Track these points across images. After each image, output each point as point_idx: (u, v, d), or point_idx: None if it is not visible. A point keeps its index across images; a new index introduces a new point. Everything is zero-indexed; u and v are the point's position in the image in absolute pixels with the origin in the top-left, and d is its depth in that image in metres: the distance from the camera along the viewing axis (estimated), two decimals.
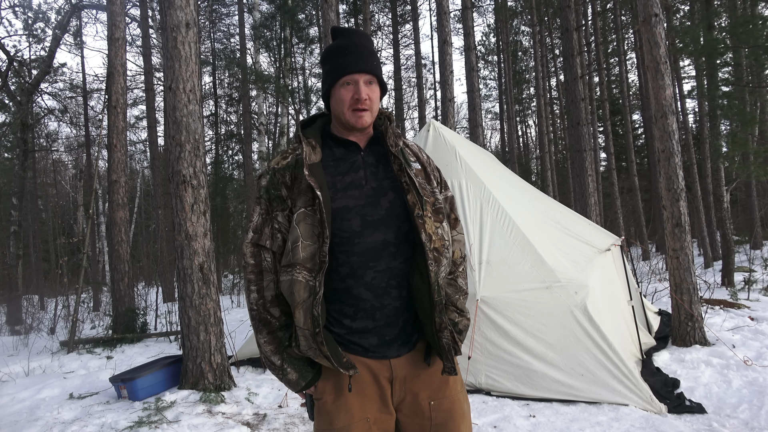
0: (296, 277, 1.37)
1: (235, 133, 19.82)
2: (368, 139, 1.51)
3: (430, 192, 1.48)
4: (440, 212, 1.47)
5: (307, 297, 1.36)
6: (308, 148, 1.44)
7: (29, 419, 4.19)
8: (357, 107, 1.42)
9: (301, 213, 1.38)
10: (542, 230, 4.80)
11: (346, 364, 1.37)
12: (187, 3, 4.74)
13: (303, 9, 16.86)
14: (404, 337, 1.44)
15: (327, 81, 1.48)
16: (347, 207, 1.40)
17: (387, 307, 1.40)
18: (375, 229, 1.39)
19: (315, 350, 1.37)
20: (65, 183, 26.38)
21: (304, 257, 1.36)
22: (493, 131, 31.59)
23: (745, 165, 10.32)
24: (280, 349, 1.44)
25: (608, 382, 3.81)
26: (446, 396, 1.47)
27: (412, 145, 1.59)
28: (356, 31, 1.51)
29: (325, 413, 1.43)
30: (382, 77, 1.49)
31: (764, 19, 9.38)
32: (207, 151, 18.31)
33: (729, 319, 6.12)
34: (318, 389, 1.46)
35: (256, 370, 5.20)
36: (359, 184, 1.43)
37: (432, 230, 1.42)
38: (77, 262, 14.68)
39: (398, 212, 1.41)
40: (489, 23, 25.17)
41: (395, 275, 1.40)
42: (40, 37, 13.26)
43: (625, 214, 18.22)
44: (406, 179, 1.43)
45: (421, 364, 1.46)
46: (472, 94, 11.04)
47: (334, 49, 1.48)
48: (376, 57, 1.50)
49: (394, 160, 1.46)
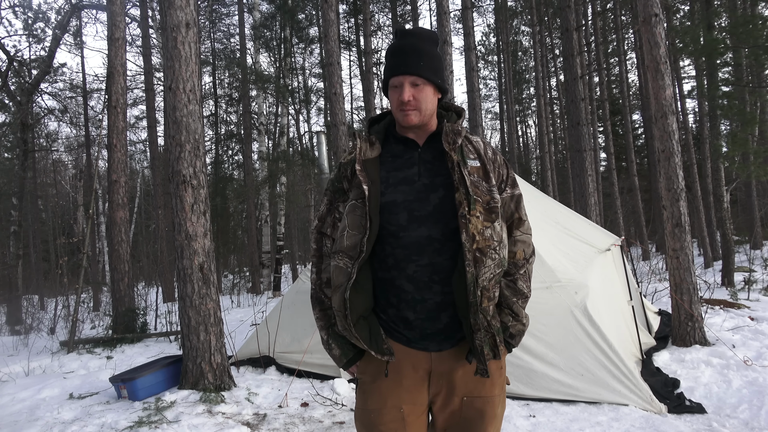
0: (338, 264, 1.47)
1: (235, 133, 19.81)
2: (428, 135, 1.54)
3: (486, 190, 1.47)
4: (494, 212, 1.46)
5: (343, 281, 1.45)
6: (365, 144, 1.53)
7: (29, 419, 4.19)
8: (402, 108, 1.47)
9: (351, 205, 1.47)
10: (542, 230, 4.79)
11: (385, 350, 1.44)
12: (187, 3, 4.74)
13: (303, 9, 16.86)
14: (447, 332, 1.47)
15: (383, 81, 1.55)
16: (395, 201, 1.46)
17: (428, 301, 1.44)
18: (421, 224, 1.44)
19: (348, 332, 1.47)
20: (65, 183, 26.37)
21: (348, 245, 1.45)
22: (493, 131, 31.58)
23: (745, 165, 10.33)
24: (328, 325, 1.56)
25: (608, 382, 3.81)
26: (481, 395, 1.49)
27: (476, 141, 1.57)
28: (411, 32, 1.53)
29: (362, 392, 1.54)
30: (430, 77, 1.47)
31: (764, 19, 9.38)
32: (207, 151, 18.31)
33: (729, 319, 6.11)
34: (360, 368, 1.55)
35: (256, 370, 5.20)
36: (411, 180, 1.48)
37: (477, 230, 1.41)
38: (77, 262, 14.68)
39: (447, 209, 1.44)
40: (489, 23, 25.19)
41: (438, 271, 1.43)
42: (40, 37, 13.26)
43: (625, 214, 18.22)
44: (457, 177, 1.44)
45: (462, 360, 1.48)
46: (472, 94, 11.04)
47: (389, 50, 1.54)
48: (429, 57, 1.49)
49: (449, 157, 1.46)
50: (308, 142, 17.76)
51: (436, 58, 1.51)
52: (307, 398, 4.30)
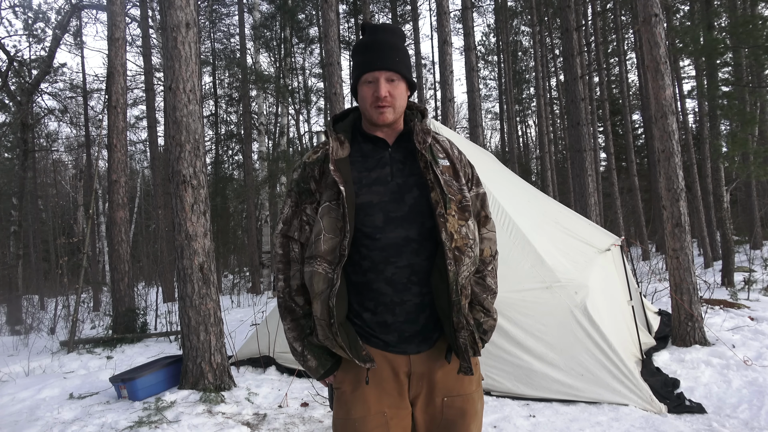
0: (316, 269, 1.40)
1: (235, 133, 19.83)
2: (397, 135, 1.52)
3: (457, 189, 1.47)
4: (466, 210, 1.46)
5: (324, 288, 1.39)
6: (336, 143, 1.47)
7: (29, 419, 4.19)
8: (378, 104, 1.44)
9: (326, 207, 1.41)
10: (542, 230, 4.80)
11: (365, 357, 1.40)
12: (187, 3, 4.74)
13: (303, 9, 16.87)
14: (425, 334, 1.45)
15: (353, 78, 1.50)
16: (371, 202, 1.41)
17: (407, 303, 1.42)
18: (398, 226, 1.41)
19: (331, 340, 1.41)
20: (65, 183, 26.37)
21: (325, 250, 1.39)
22: (493, 131, 31.61)
23: (745, 165, 10.33)
24: (302, 336, 1.49)
25: (608, 382, 3.81)
26: (460, 394, 1.49)
27: (444, 140, 1.58)
28: (383, 27, 1.50)
29: (343, 403, 1.47)
30: (405, 73, 1.47)
31: (764, 19, 9.39)
32: (207, 151, 18.31)
33: (729, 319, 6.12)
34: (337, 379, 1.49)
35: (256, 370, 5.20)
36: (385, 180, 1.45)
37: (454, 229, 1.41)
38: (77, 262, 14.68)
39: (422, 209, 1.42)
40: (489, 23, 25.19)
41: (416, 272, 1.41)
42: (40, 37, 13.26)
43: (625, 214, 18.22)
44: (431, 176, 1.42)
45: (440, 361, 1.47)
46: (472, 94, 11.04)
47: (360, 45, 1.50)
48: (402, 53, 1.48)
49: (421, 157, 1.45)
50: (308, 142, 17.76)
51: (407, 54, 1.51)
52: (307, 398, 4.30)
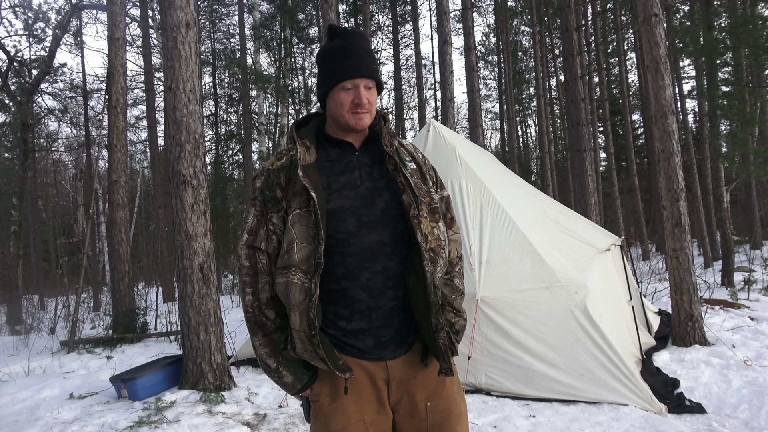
0: (292, 279, 1.35)
1: (235, 133, 19.82)
2: (363, 139, 1.50)
3: (425, 192, 1.48)
4: (436, 212, 1.47)
5: (302, 299, 1.35)
6: (302, 149, 1.43)
7: (29, 419, 4.19)
8: (357, 111, 1.42)
9: (296, 214, 1.37)
10: (542, 230, 4.80)
11: (342, 366, 1.36)
12: (187, 3, 4.74)
13: (303, 9, 16.86)
14: (400, 338, 1.43)
15: (326, 83, 1.45)
16: (342, 208, 1.39)
17: (383, 308, 1.40)
18: (371, 230, 1.38)
19: (311, 353, 1.36)
20: (65, 183, 26.37)
21: (299, 259, 1.35)
22: (493, 131, 31.57)
23: (745, 165, 10.32)
24: (276, 351, 1.44)
25: (608, 382, 3.81)
26: (443, 397, 1.47)
27: (408, 144, 1.59)
28: (355, 32, 1.49)
29: (322, 415, 1.42)
30: (380, 79, 1.49)
31: (764, 19, 9.39)
32: (207, 151, 18.31)
33: (729, 319, 6.12)
34: (314, 391, 1.45)
35: (256, 370, 5.20)
36: (354, 185, 1.42)
37: (428, 230, 1.41)
38: (77, 262, 14.67)
39: (394, 212, 1.41)
40: (489, 23, 25.18)
41: (391, 276, 1.39)
42: (40, 37, 13.27)
43: (625, 214, 18.21)
44: (402, 179, 1.42)
45: (417, 365, 1.45)
46: (472, 94, 11.04)
47: (333, 50, 1.45)
48: (374, 58, 1.50)
49: (389, 160, 1.45)
50: None
51: (375, 59, 1.53)
52: None
